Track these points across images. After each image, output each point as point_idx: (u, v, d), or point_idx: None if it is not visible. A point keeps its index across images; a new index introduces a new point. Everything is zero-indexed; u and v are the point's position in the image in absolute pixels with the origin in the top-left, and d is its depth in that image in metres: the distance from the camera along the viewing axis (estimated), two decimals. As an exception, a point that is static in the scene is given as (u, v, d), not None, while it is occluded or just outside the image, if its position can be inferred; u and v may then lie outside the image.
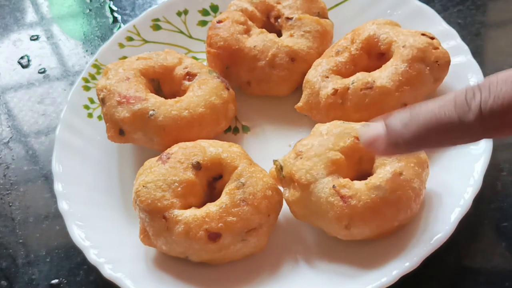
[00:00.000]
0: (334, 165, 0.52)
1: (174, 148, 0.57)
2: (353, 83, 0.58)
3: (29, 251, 0.61)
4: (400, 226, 0.51)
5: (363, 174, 0.54)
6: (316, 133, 0.55)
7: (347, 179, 0.52)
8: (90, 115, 0.67)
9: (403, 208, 0.50)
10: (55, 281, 0.59)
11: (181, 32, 0.74)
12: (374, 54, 0.61)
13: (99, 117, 0.67)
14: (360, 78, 0.59)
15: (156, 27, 0.74)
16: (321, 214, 0.51)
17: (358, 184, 0.51)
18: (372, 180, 0.51)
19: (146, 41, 0.73)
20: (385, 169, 0.52)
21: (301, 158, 0.53)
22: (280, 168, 0.54)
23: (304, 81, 0.63)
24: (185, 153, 0.56)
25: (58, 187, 0.60)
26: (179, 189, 0.54)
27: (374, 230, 0.50)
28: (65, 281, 0.58)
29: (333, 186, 0.50)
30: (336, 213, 0.50)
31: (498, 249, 0.54)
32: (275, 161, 0.55)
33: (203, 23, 0.74)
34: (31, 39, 0.83)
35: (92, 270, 0.55)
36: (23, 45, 0.82)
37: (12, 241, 0.62)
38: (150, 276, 0.54)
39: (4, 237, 0.63)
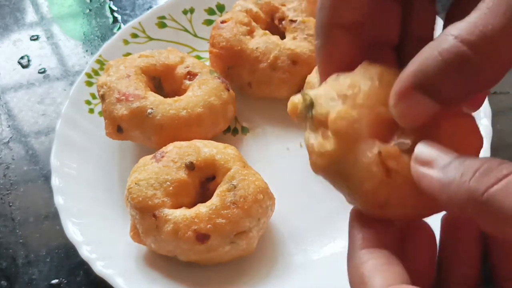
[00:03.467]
0: (381, 124, 0.40)
1: (169, 147, 0.58)
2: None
3: (29, 251, 0.62)
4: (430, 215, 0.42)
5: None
6: (364, 75, 0.41)
7: (396, 148, 0.39)
8: (91, 111, 0.68)
9: None
10: (55, 281, 0.60)
11: (186, 30, 0.75)
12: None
13: (100, 113, 0.67)
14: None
15: (162, 25, 0.75)
16: (353, 179, 0.40)
17: (406, 157, 0.40)
18: None
19: (151, 38, 0.74)
20: None
21: (343, 103, 0.40)
22: (309, 104, 0.41)
23: (305, 84, 0.63)
24: (179, 152, 0.57)
25: (55, 181, 0.61)
26: (171, 188, 0.55)
27: (409, 214, 0.40)
28: (65, 281, 0.60)
29: (379, 153, 0.39)
30: (374, 186, 0.39)
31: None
32: (304, 94, 0.41)
33: (208, 22, 0.75)
34: (31, 39, 0.84)
35: (93, 270, 0.56)
36: (23, 45, 0.83)
37: (12, 241, 0.63)
38: (142, 274, 0.55)
39: (4, 237, 0.64)
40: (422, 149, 0.33)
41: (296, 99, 0.41)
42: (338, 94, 0.40)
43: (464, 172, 0.28)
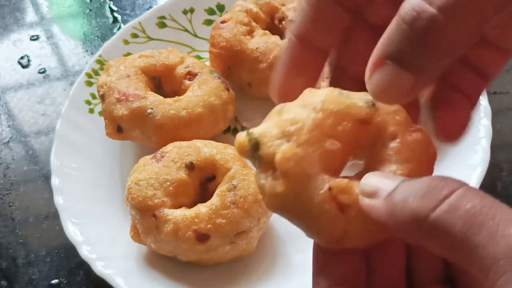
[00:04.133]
0: (330, 157, 0.39)
1: (169, 147, 0.59)
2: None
3: (29, 251, 0.63)
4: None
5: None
6: (307, 105, 0.40)
7: (347, 180, 0.40)
8: (91, 111, 0.69)
9: None
10: (55, 281, 0.60)
11: (186, 30, 0.76)
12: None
13: (100, 113, 0.67)
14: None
15: (162, 25, 0.75)
16: (308, 218, 0.40)
17: (357, 189, 0.40)
18: None
19: (151, 39, 0.74)
20: (390, 169, 0.40)
21: (288, 141, 0.38)
22: (255, 144, 0.39)
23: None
24: (179, 152, 0.57)
25: (55, 181, 0.61)
26: (171, 188, 0.55)
27: (368, 241, 0.40)
28: (65, 281, 0.60)
29: (329, 189, 0.38)
30: (329, 223, 0.38)
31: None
32: (249, 133, 0.39)
33: (208, 22, 0.76)
34: (31, 39, 0.84)
35: (93, 270, 0.56)
36: (23, 45, 0.84)
37: (12, 241, 0.64)
38: (142, 274, 0.55)
39: (4, 237, 0.64)
40: (367, 181, 0.32)
41: (241, 138, 0.39)
42: (282, 132, 0.38)
43: (407, 196, 0.27)
